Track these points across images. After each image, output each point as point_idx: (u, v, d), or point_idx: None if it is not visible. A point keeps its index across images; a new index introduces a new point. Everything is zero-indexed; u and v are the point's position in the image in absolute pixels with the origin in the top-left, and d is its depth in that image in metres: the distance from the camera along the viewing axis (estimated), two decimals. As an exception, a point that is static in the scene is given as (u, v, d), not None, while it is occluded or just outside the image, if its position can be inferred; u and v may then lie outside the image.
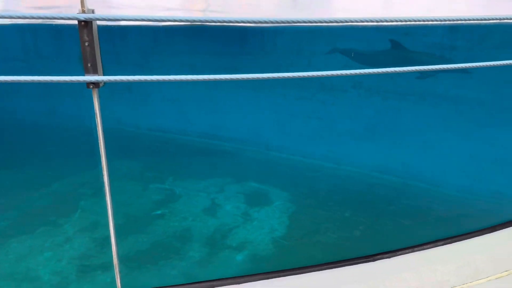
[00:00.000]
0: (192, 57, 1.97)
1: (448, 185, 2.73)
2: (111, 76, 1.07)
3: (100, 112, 1.10)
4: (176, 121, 2.13)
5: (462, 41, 2.27)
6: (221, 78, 1.82)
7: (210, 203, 2.31)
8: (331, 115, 2.28)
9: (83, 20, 0.94)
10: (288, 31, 2.02)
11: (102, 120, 1.11)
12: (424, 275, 2.50)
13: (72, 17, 0.97)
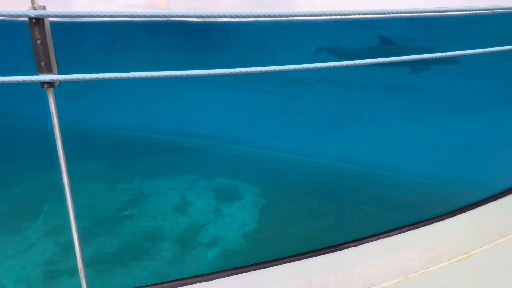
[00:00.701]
0: (155, 53, 1.93)
1: (411, 172, 2.83)
2: (67, 75, 1.03)
3: (57, 112, 1.06)
4: (141, 119, 2.09)
5: (420, 33, 2.34)
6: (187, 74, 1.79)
7: (179, 201, 2.28)
8: (297, 108, 2.31)
9: (34, 17, 0.90)
10: (252, 25, 2.01)
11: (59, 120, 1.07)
12: (390, 261, 2.58)
13: (22, 14, 0.92)
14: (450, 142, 2.89)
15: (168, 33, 1.92)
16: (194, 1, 1.86)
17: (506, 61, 2.78)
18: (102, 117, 2.01)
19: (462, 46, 2.45)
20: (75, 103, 1.92)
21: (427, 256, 2.69)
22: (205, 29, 1.97)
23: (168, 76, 1.85)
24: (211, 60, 2.03)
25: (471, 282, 2.59)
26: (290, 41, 2.11)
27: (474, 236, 2.89)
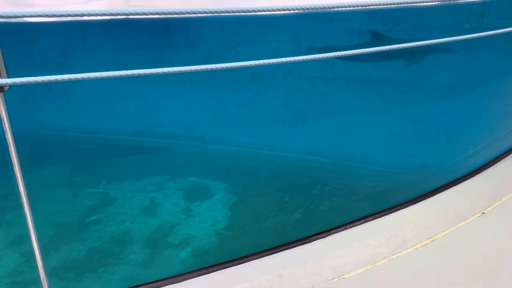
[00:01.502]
0: (115, 52, 1.87)
1: (376, 162, 2.90)
2: (16, 78, 0.98)
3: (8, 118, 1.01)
4: (104, 121, 2.02)
5: (380, 25, 2.40)
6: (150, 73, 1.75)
7: (148, 203, 2.24)
8: (264, 104, 2.31)
9: (-28, 18, 0.83)
10: (214, 21, 1.99)
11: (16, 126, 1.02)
12: (357, 250, 2.65)
13: (-37, 15, 0.86)
14: (412, 131, 2.99)
15: (129, 31, 1.86)
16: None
17: (462, 51, 2.89)
18: (62, 120, 1.94)
19: (421, 37, 2.54)
20: (33, 107, 1.84)
21: (393, 243, 2.78)
22: (167, 26, 1.93)
23: (130, 75, 1.80)
24: (174, 58, 1.99)
25: (435, 266, 2.70)
26: (254, 36, 2.10)
27: (436, 221, 3.02)
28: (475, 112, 3.37)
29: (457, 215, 3.10)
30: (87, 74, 1.70)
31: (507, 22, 3.03)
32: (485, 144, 3.63)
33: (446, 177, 3.41)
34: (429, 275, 2.56)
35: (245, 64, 2.08)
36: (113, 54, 1.88)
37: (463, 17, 2.75)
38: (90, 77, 1.77)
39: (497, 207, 3.28)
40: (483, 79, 3.26)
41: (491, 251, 2.79)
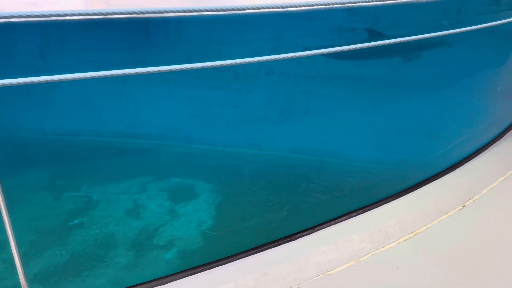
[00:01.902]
0: (95, 52, 1.84)
1: (359, 158, 2.93)
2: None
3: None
4: (86, 123, 1.98)
5: (361, 22, 2.42)
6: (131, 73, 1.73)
7: (132, 205, 2.21)
8: (247, 103, 2.31)
9: None
10: (195, 20, 1.98)
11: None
12: (342, 246, 2.68)
13: None
14: (394, 127, 3.03)
15: (109, 31, 1.83)
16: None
17: (440, 48, 2.95)
18: (43, 123, 1.89)
19: (400, 34, 2.58)
20: (11, 110, 1.79)
21: (376, 238, 2.81)
22: (148, 25, 1.90)
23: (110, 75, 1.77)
24: (156, 58, 1.97)
25: (418, 259, 2.74)
26: (236, 35, 2.10)
27: (418, 215, 3.07)
28: (454, 107, 3.44)
29: (438, 209, 3.16)
30: (66, 75, 1.67)
31: (483, 18, 3.10)
32: (464, 139, 3.71)
33: (427, 172, 3.47)
34: (412, 268, 2.61)
35: (228, 63, 2.07)
36: (93, 55, 1.85)
37: (441, 13, 2.80)
38: (68, 79, 1.74)
39: (477, 200, 3.35)
40: (461, 75, 3.32)
41: (472, 243, 2.85)
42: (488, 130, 4.07)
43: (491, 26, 3.21)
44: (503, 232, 2.98)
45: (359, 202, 3.02)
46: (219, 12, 1.94)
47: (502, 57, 3.79)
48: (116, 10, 1.67)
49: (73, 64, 1.81)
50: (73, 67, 1.76)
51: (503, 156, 3.96)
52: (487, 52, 3.50)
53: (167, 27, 1.94)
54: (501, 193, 3.46)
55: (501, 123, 4.34)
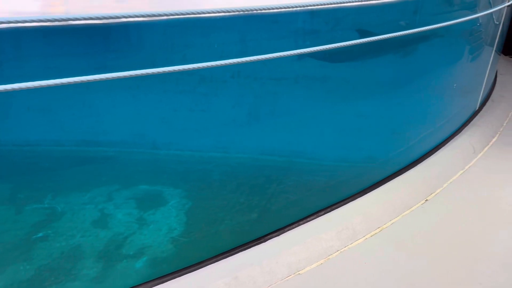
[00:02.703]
0: (56, 59, 1.78)
1: (326, 157, 2.99)
2: None
3: None
4: (47, 132, 1.91)
5: (323, 24, 2.46)
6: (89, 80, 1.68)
7: (99, 215, 2.15)
8: (214, 106, 2.30)
9: None
10: (158, 24, 1.95)
11: None
12: (311, 245, 2.72)
13: None
14: (358, 125, 3.10)
15: (68, 37, 1.77)
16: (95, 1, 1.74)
17: (400, 47, 3.05)
18: (1, 134, 1.81)
19: (362, 35, 2.65)
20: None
21: (344, 235, 2.87)
22: (109, 30, 1.86)
23: (71, 83, 1.72)
24: (118, 63, 1.93)
25: (385, 254, 2.82)
26: (200, 38, 2.08)
27: (384, 210, 3.16)
28: (415, 105, 3.57)
29: (402, 203, 3.26)
30: (23, 84, 1.60)
31: (438, 18, 3.23)
32: (425, 134, 3.86)
33: (391, 168, 3.58)
34: (380, 263, 2.68)
35: (193, 67, 2.06)
36: (52, 62, 1.78)
37: (398, 14, 2.89)
38: (29, 87, 1.67)
39: (439, 193, 3.49)
40: (420, 73, 3.45)
41: (436, 235, 2.97)
42: (447, 125, 4.25)
43: (446, 26, 3.35)
44: (464, 223, 3.12)
45: (327, 200, 3.08)
46: (183, 16, 1.93)
47: (457, 55, 3.97)
48: (76, 16, 1.62)
49: (31, 72, 1.74)
50: (31, 75, 1.69)
51: (462, 150, 4.15)
52: (443, 50, 3.65)
53: (129, 32, 1.91)
54: (462, 186, 3.62)
55: (459, 118, 4.55)
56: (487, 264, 2.69)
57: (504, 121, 5.01)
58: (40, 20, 1.59)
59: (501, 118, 5.05)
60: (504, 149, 4.29)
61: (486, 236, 2.97)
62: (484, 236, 2.97)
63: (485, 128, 4.66)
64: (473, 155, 4.13)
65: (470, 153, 4.14)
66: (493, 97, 5.56)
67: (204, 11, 1.92)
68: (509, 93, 5.87)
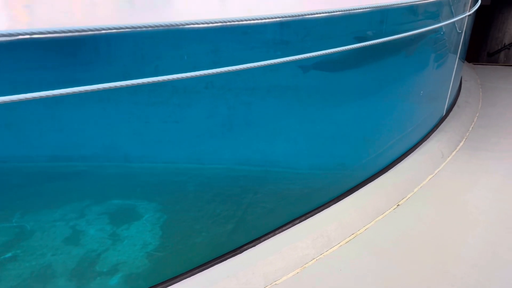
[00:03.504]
0: (22, 73, 1.73)
1: (300, 165, 3.01)
2: None
3: None
4: (15, 148, 1.85)
5: (293, 35, 2.50)
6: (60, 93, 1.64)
7: (70, 232, 2.09)
8: (188, 117, 2.28)
9: None
10: (128, 36, 1.93)
11: None
12: (287, 254, 2.72)
13: None
14: (331, 133, 3.15)
15: (37, 50, 1.73)
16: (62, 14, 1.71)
17: (368, 57, 3.13)
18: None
19: (331, 45, 2.70)
20: None
21: (319, 242, 2.89)
22: (77, 43, 1.83)
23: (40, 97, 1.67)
24: (88, 76, 1.89)
25: (360, 260, 2.86)
26: (171, 50, 2.08)
27: (357, 217, 3.20)
28: (384, 112, 3.67)
29: (375, 209, 3.32)
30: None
31: (404, 28, 3.34)
32: (395, 141, 3.96)
33: (364, 174, 3.65)
34: (355, 270, 2.71)
35: (163, 79, 2.04)
36: (20, 76, 1.73)
37: (366, 24, 2.98)
38: None
39: (410, 198, 3.58)
40: (389, 81, 3.55)
41: (408, 240, 3.04)
42: (416, 131, 4.37)
43: (412, 35, 3.47)
44: (435, 227, 3.20)
45: (302, 208, 3.10)
46: (151, 28, 1.91)
47: (423, 63, 4.11)
48: (41, 30, 1.59)
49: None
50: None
51: (431, 155, 4.27)
52: (410, 59, 3.78)
53: (98, 45, 1.88)
54: (431, 190, 3.73)
55: (427, 124, 4.69)
56: (458, 266, 2.77)
57: (470, 126, 5.21)
58: (4, 34, 1.54)
59: (467, 123, 5.25)
60: (471, 153, 4.46)
61: (456, 239, 3.06)
62: (454, 239, 3.06)
63: (452, 133, 4.82)
64: (442, 160, 4.26)
65: (439, 158, 4.27)
66: (459, 103, 5.78)
67: (173, 23, 1.92)
68: (473, 99, 6.12)
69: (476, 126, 5.23)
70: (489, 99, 6.19)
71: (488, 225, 3.22)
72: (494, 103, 6.05)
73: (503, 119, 5.44)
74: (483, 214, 3.37)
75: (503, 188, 3.78)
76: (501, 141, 4.77)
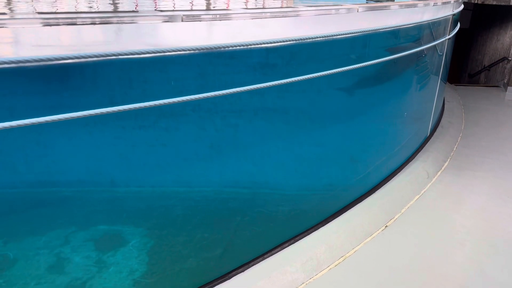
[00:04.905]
0: (6, 99, 1.72)
1: (288, 186, 3.02)
2: None
3: None
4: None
5: (278, 59, 2.54)
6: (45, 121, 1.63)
7: (55, 260, 2.04)
8: (175, 140, 2.29)
9: None
10: (115, 63, 1.94)
11: None
12: (276, 279, 2.69)
13: None
14: (318, 154, 3.17)
15: (21, 77, 1.73)
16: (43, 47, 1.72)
17: (353, 79, 3.19)
18: None
19: (316, 68, 2.76)
20: None
21: (309, 266, 2.86)
22: (62, 70, 1.83)
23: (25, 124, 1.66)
24: (74, 101, 1.89)
25: (349, 284, 2.83)
26: (159, 75, 2.09)
27: (346, 239, 3.20)
28: (370, 133, 3.72)
29: (363, 231, 3.32)
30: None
31: (386, 51, 3.43)
32: (381, 161, 4.01)
33: (351, 195, 3.66)
34: (345, 293, 2.68)
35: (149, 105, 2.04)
36: (3, 102, 1.72)
37: (348, 48, 3.05)
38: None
39: (397, 219, 3.59)
40: (373, 104, 3.62)
41: (396, 262, 3.03)
42: (401, 152, 4.43)
43: (394, 58, 3.56)
44: (422, 247, 3.21)
45: (291, 231, 3.08)
46: (138, 56, 1.93)
47: (406, 85, 4.21)
48: (26, 59, 1.59)
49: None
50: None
51: (417, 175, 4.32)
52: (393, 81, 3.86)
53: (86, 71, 1.89)
54: (418, 211, 3.75)
55: (412, 144, 4.77)
56: (445, 287, 2.76)
57: (454, 146, 5.30)
58: None
59: (451, 143, 5.35)
60: (456, 173, 4.52)
61: (443, 259, 3.07)
62: (441, 259, 3.07)
63: (437, 153, 4.90)
64: (427, 180, 4.31)
65: (425, 178, 4.32)
66: (443, 123, 5.89)
67: (160, 50, 1.94)
68: (456, 119, 6.25)
69: (460, 146, 5.32)
70: (471, 119, 6.33)
71: (475, 245, 3.24)
72: (476, 123, 6.19)
73: (486, 138, 5.56)
74: (470, 233, 3.40)
75: (488, 207, 3.83)
76: (485, 161, 4.86)
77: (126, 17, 1.89)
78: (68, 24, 1.76)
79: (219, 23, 2.17)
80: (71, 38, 1.80)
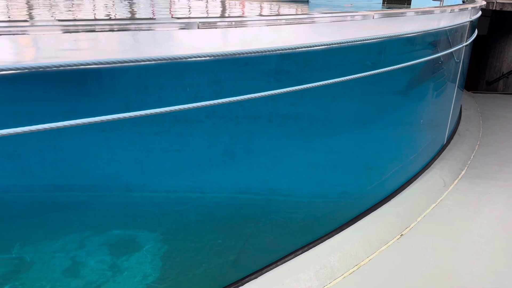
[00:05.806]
0: (26, 105, 1.76)
1: (302, 193, 3.00)
2: None
3: None
4: (16, 178, 1.86)
5: (293, 66, 2.54)
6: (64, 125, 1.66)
7: (70, 263, 2.06)
8: (190, 146, 2.30)
9: None
10: (131, 70, 1.97)
11: None
12: (289, 287, 2.66)
13: None
14: (332, 161, 3.15)
15: (40, 82, 1.76)
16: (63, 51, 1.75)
17: (368, 85, 3.17)
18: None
19: (330, 75, 2.74)
20: None
21: (322, 274, 2.83)
22: (80, 76, 1.86)
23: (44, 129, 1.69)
24: (91, 107, 1.92)
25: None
26: (174, 81, 2.11)
27: (360, 247, 3.15)
28: (386, 140, 3.68)
29: (378, 239, 3.27)
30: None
31: (403, 58, 3.40)
32: (397, 169, 3.95)
33: (366, 203, 3.62)
34: (360, 302, 2.64)
35: (165, 110, 2.06)
36: (23, 107, 1.76)
37: (364, 55, 3.03)
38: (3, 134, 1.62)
39: (413, 228, 3.53)
40: (389, 110, 3.58)
41: (412, 271, 2.98)
42: (417, 159, 4.37)
43: (410, 65, 3.52)
44: (439, 257, 3.15)
45: (304, 239, 3.06)
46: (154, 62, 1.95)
47: (423, 92, 4.15)
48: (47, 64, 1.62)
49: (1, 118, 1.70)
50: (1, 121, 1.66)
51: (433, 183, 4.25)
52: (409, 88, 3.82)
53: (102, 77, 1.92)
54: (435, 219, 3.68)
55: (428, 152, 4.69)
56: (463, 297, 2.70)
57: (471, 154, 5.20)
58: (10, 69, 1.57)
59: (468, 152, 5.25)
60: (473, 182, 4.43)
61: (460, 269, 3.00)
62: (458, 269, 3.00)
63: (454, 161, 4.81)
64: (444, 189, 4.24)
65: (441, 187, 4.25)
66: (460, 131, 5.79)
67: (176, 57, 1.96)
68: (474, 127, 6.14)
69: (478, 154, 5.22)
70: (489, 127, 6.21)
71: (493, 255, 3.16)
72: (494, 131, 6.07)
73: (504, 147, 5.44)
74: (488, 243, 3.31)
75: (507, 217, 3.74)
76: (503, 169, 4.75)
77: (144, 24, 1.92)
78: (87, 31, 1.80)
79: (235, 30, 2.19)
80: (89, 44, 1.83)
